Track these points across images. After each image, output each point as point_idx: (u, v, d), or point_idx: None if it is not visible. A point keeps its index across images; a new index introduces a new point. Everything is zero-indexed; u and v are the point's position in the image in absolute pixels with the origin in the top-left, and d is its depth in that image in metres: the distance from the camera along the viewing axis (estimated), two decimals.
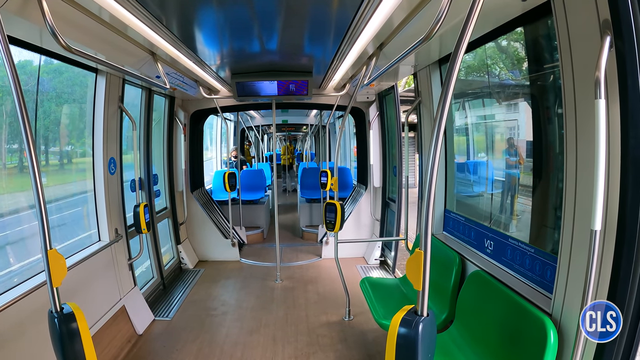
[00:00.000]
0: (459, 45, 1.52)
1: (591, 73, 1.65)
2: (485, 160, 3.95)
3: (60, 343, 1.98)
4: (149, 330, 4.26)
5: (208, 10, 2.69)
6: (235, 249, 6.71)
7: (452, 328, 3.11)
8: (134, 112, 4.81)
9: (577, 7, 1.84)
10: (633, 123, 1.62)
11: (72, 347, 1.99)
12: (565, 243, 2.08)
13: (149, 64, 3.59)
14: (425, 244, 1.60)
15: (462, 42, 1.51)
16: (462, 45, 1.52)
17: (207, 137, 10.81)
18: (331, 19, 2.88)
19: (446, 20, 1.78)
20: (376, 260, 6.33)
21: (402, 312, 1.68)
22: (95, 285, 3.70)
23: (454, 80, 1.55)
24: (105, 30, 2.71)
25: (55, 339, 1.99)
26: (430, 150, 1.57)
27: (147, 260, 5.31)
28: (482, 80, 3.85)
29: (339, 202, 4.29)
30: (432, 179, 1.58)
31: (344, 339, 4.04)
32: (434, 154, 1.56)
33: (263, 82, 4.98)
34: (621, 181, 1.69)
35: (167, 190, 6.05)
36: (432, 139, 1.58)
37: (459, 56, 1.53)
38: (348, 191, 8.27)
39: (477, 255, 3.34)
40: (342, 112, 8.03)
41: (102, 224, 4.04)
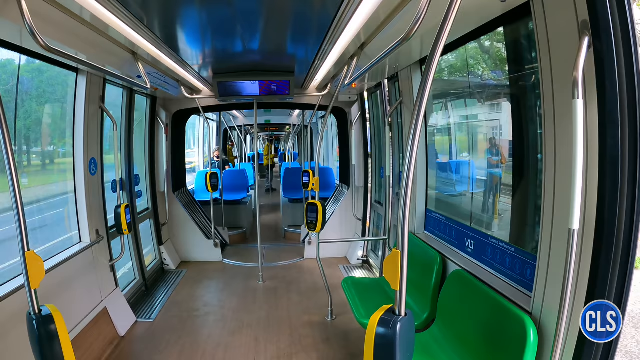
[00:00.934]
0: (437, 45, 1.51)
1: (570, 73, 1.66)
2: (467, 159, 3.98)
3: (38, 345, 1.98)
4: (131, 332, 4.22)
5: (190, 10, 2.67)
6: (217, 249, 6.67)
7: (434, 327, 3.12)
8: (116, 112, 4.77)
9: (556, 8, 1.86)
10: (611, 123, 1.64)
11: (50, 350, 1.99)
12: (545, 242, 2.10)
13: (130, 64, 3.56)
14: (402, 244, 1.59)
15: (439, 42, 1.51)
16: (439, 45, 1.51)
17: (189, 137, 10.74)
18: (313, 18, 2.88)
19: (426, 20, 1.78)
20: (359, 260, 6.33)
21: (380, 312, 1.67)
22: (76, 287, 3.65)
23: (431, 80, 1.54)
24: (86, 30, 2.69)
25: (34, 341, 1.99)
26: (407, 150, 1.57)
27: (129, 261, 5.26)
28: (464, 81, 3.88)
29: (321, 202, 4.29)
30: (408, 178, 1.57)
31: (326, 339, 4.04)
32: (411, 153, 1.55)
33: (245, 82, 4.98)
34: (599, 180, 1.71)
35: (148, 190, 6.01)
36: (408, 138, 1.58)
37: (436, 56, 1.52)
38: (330, 191, 8.29)
39: (458, 255, 3.36)
40: (324, 112, 8.04)
41: (83, 225, 3.99)
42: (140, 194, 5.67)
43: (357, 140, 6.53)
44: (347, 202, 6.82)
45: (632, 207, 1.66)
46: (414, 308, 3.45)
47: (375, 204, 6.24)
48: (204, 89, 5.85)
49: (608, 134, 1.66)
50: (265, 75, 4.92)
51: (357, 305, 3.58)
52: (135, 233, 5.26)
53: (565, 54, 1.83)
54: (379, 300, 3.77)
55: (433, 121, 4.36)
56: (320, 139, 4.88)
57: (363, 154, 6.39)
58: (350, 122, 6.71)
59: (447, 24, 1.50)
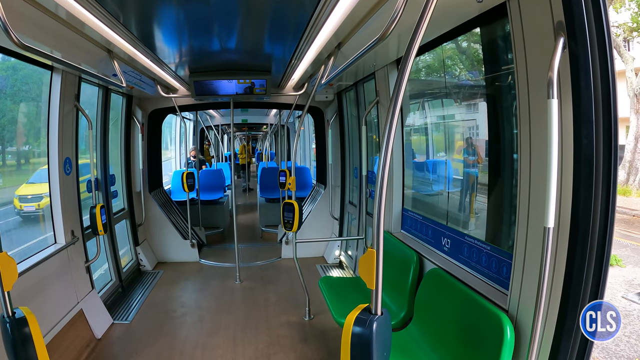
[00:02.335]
0: (412, 44, 1.51)
1: (545, 73, 1.68)
2: (443, 159, 4.02)
3: (12, 348, 1.97)
4: (107, 334, 4.17)
5: (166, 8, 2.65)
6: (194, 249, 6.62)
7: (411, 326, 3.13)
8: (91, 111, 4.71)
9: (532, 8, 1.88)
10: (585, 122, 1.67)
11: (25, 353, 1.99)
12: (520, 240, 2.12)
13: (106, 62, 3.52)
14: (377, 243, 1.58)
15: (415, 41, 1.50)
16: (414, 45, 1.51)
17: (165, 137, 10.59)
18: (290, 17, 2.89)
19: (402, 20, 1.77)
20: (336, 259, 6.35)
21: (357, 311, 1.66)
22: (51, 289, 3.60)
23: (406, 79, 1.54)
24: (61, 28, 2.64)
25: (8, 344, 1.98)
26: (383, 149, 1.56)
27: (104, 262, 5.19)
28: (440, 81, 3.92)
29: (297, 201, 4.29)
30: (383, 177, 1.56)
31: (304, 339, 4.05)
32: (386, 152, 1.55)
33: (221, 81, 4.96)
34: (574, 179, 1.74)
35: (124, 191, 5.95)
36: (384, 137, 1.57)
37: (411, 55, 1.51)
38: (307, 190, 8.27)
39: (435, 253, 3.39)
40: (301, 112, 8.04)
41: (58, 225, 3.92)
42: (115, 194, 5.61)
43: (334, 140, 6.54)
44: (324, 201, 6.83)
45: (606, 205, 1.69)
46: (391, 307, 3.46)
47: (349, 204, 6.25)
48: (181, 88, 5.80)
49: (583, 133, 1.68)
50: (242, 74, 4.91)
51: (335, 305, 3.58)
52: (111, 234, 5.19)
53: (540, 55, 1.86)
54: (357, 300, 3.77)
55: (410, 121, 4.39)
56: (296, 138, 4.87)
57: (340, 154, 6.40)
58: (326, 121, 6.72)
59: (423, 24, 1.49)
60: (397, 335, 3.07)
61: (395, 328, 3.22)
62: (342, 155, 6.35)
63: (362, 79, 4.97)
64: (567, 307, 1.79)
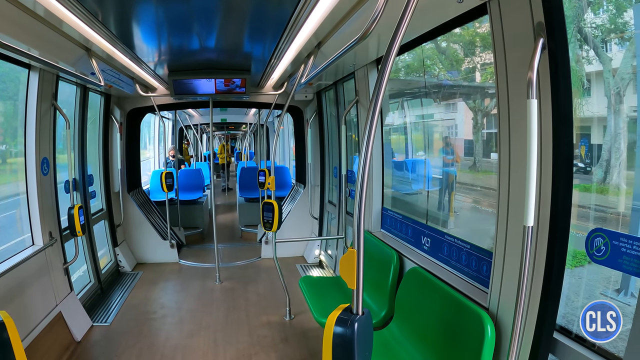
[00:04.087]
0: (392, 43, 1.50)
1: (524, 74, 1.70)
2: (423, 158, 4.04)
3: None
4: (87, 336, 4.10)
5: (146, 6, 2.61)
6: (173, 250, 6.55)
7: (392, 324, 3.14)
8: (69, 110, 4.62)
9: (512, 9, 1.89)
10: (564, 122, 1.69)
11: (3, 357, 1.92)
12: (500, 239, 2.14)
13: (84, 61, 3.46)
14: (358, 242, 1.57)
15: (395, 40, 1.49)
16: (395, 44, 1.49)
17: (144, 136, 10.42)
18: (269, 16, 2.87)
19: (382, 19, 1.77)
20: (316, 259, 6.34)
21: (338, 311, 1.64)
22: (29, 292, 3.52)
23: (386, 78, 1.53)
24: (39, 25, 2.59)
25: None
26: (362, 148, 1.55)
27: (83, 264, 5.09)
28: (420, 80, 3.94)
29: (277, 201, 4.27)
30: (364, 176, 1.55)
31: (285, 339, 4.04)
32: (366, 152, 1.54)
33: (200, 80, 4.94)
34: (553, 178, 1.76)
35: (103, 191, 5.86)
36: (364, 136, 1.56)
37: (392, 54, 1.50)
38: (287, 190, 8.25)
39: (415, 252, 3.41)
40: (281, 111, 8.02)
41: (36, 227, 3.84)
42: (94, 195, 5.51)
43: (313, 139, 6.54)
44: (303, 201, 6.82)
45: None
46: (372, 306, 3.47)
47: (328, 204, 6.26)
48: (160, 87, 5.73)
49: (561, 133, 1.71)
50: (221, 73, 4.88)
51: (315, 304, 3.58)
52: (90, 235, 5.10)
53: (520, 55, 1.87)
54: (337, 299, 3.77)
55: (389, 120, 4.40)
56: (276, 137, 4.85)
57: (319, 153, 6.40)
58: (306, 120, 6.72)
59: (404, 24, 1.48)
60: (379, 334, 3.08)
61: (376, 327, 3.23)
62: (321, 154, 6.36)
63: (341, 78, 4.96)
64: (547, 305, 1.82)
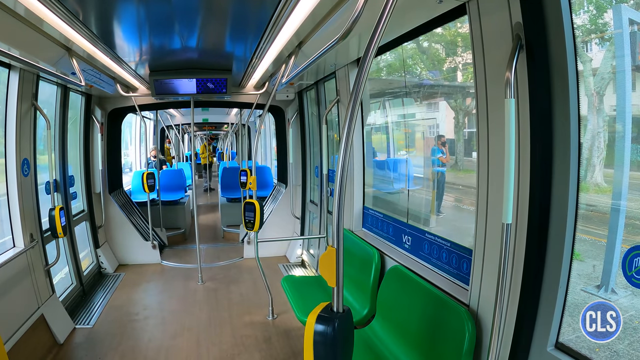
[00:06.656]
0: (372, 42, 1.50)
1: (503, 73, 1.72)
2: (404, 157, 4.07)
3: None
4: (69, 339, 4.05)
5: (127, 5, 2.58)
6: (155, 251, 6.49)
7: (374, 322, 3.15)
8: (49, 111, 4.53)
9: (490, 9, 1.92)
10: (542, 121, 1.72)
11: None
12: (479, 236, 2.17)
13: (65, 61, 3.41)
14: (337, 241, 1.57)
15: (374, 40, 1.49)
16: (374, 43, 1.50)
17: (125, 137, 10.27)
18: (251, 16, 2.86)
19: (363, 19, 1.77)
20: (298, 258, 6.34)
21: (318, 309, 1.65)
22: (10, 295, 3.45)
23: (366, 77, 1.53)
24: (19, 25, 2.55)
25: None
26: (342, 147, 1.56)
27: (65, 266, 5.00)
28: (401, 80, 3.96)
29: (258, 201, 4.27)
30: (343, 175, 1.56)
31: (268, 338, 4.04)
32: (345, 151, 1.54)
33: (181, 80, 4.90)
34: (531, 176, 1.79)
35: (84, 192, 5.76)
36: (343, 136, 1.56)
37: (371, 53, 1.50)
38: (268, 190, 8.24)
39: (396, 251, 3.43)
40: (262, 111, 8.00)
41: (16, 228, 3.77)
42: (75, 196, 5.44)
43: (295, 139, 6.55)
44: (285, 200, 6.81)
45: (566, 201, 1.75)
46: (354, 304, 3.48)
47: (310, 203, 6.26)
48: (141, 87, 5.67)
49: (539, 131, 1.74)
50: (203, 73, 4.86)
51: (298, 304, 3.59)
52: (71, 236, 5.01)
53: (499, 55, 1.90)
54: (319, 298, 3.77)
55: (371, 120, 4.42)
56: (257, 137, 4.83)
57: (300, 152, 6.41)
58: (287, 120, 6.71)
59: (383, 23, 1.48)
60: (361, 332, 3.09)
61: (359, 325, 3.25)
62: (302, 154, 6.36)
63: (322, 78, 4.97)
64: (526, 301, 1.85)
